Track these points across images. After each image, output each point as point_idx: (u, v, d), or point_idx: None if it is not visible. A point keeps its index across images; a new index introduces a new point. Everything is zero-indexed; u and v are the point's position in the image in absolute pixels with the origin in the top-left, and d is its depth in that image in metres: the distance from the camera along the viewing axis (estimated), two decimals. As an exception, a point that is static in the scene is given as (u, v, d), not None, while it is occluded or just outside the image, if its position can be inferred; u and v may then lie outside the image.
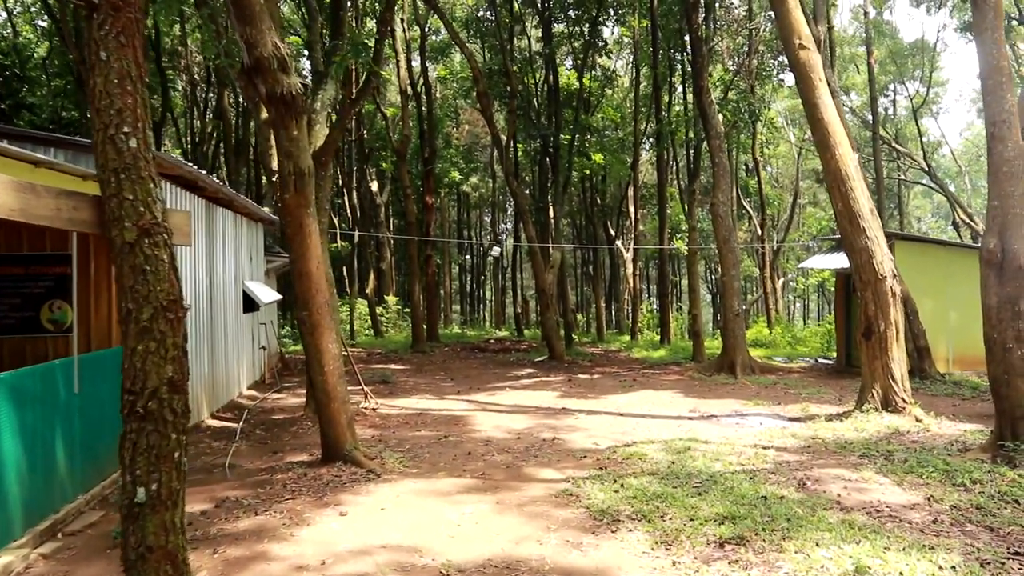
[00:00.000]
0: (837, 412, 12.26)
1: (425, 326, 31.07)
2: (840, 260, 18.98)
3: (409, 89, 30.31)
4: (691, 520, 6.69)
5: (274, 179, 12.76)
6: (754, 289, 45.80)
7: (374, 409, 13.00)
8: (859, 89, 36.40)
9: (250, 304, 16.12)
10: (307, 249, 8.51)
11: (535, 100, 29.77)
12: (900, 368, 11.56)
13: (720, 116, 19.15)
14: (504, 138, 23.49)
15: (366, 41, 12.19)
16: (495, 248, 33.44)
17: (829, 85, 12.65)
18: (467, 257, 59.03)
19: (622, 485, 7.88)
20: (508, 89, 24.52)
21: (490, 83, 25.19)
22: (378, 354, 25.00)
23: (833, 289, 45.49)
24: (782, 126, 40.12)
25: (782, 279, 44.60)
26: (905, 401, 11.44)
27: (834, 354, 24.32)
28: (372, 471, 8.67)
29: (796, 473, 8.45)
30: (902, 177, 40.67)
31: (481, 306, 60.49)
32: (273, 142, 11.33)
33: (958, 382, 15.85)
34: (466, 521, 6.97)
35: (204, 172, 10.97)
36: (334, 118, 14.34)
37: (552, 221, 25.52)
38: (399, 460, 9.31)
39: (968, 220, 33.43)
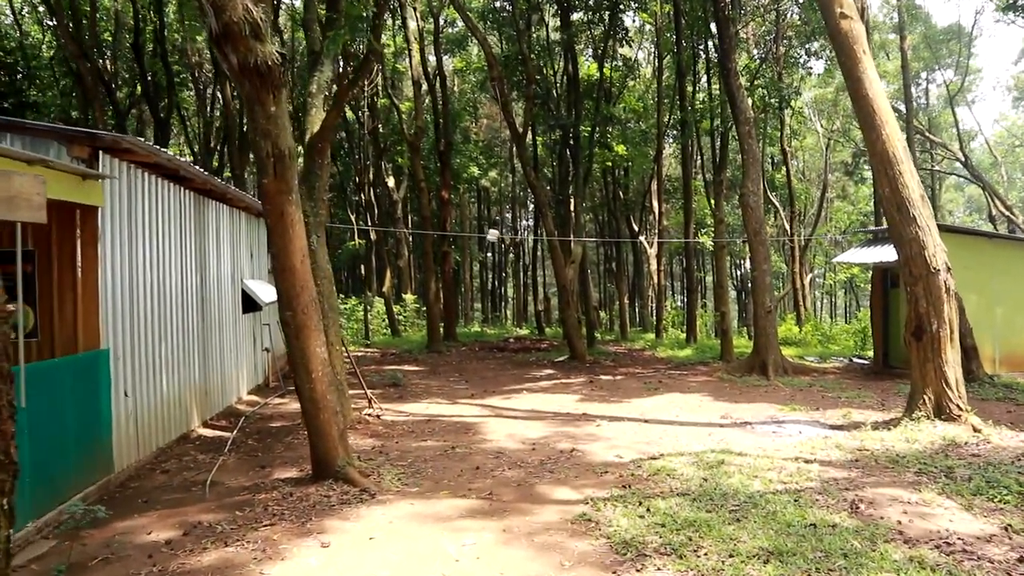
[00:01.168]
0: (883, 420, 11.15)
1: (442, 325, 30.20)
2: (876, 254, 17.81)
3: (423, 80, 29.37)
4: (730, 556, 5.66)
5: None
6: (781, 285, 44.50)
7: (378, 416, 12.05)
8: (891, 77, 34.98)
9: (251, 304, 15.24)
10: (289, 241, 7.56)
11: (554, 91, 28.71)
12: (955, 372, 10.44)
13: (749, 101, 18.00)
14: (521, 128, 22.42)
15: (363, 14, 11.17)
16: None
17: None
18: (488, 255, 58.09)
19: (648, 509, 6.86)
20: (525, 77, 23.50)
21: (507, 71, 24.18)
22: (392, 354, 24.09)
23: (867, 285, 44.35)
24: (809, 117, 38.83)
25: (810, 275, 43.29)
26: (960, 408, 10.33)
27: (870, 353, 23.12)
28: (366, 490, 7.71)
29: (846, 494, 7.39)
30: (935, 168, 39.15)
31: (503, 304, 59.51)
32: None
33: (1009, 385, 14.66)
34: (466, 555, 5.99)
35: (186, 161, 10.06)
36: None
37: (573, 215, 24.47)
38: (398, 476, 8.34)
39: (1008, 213, 31.95)
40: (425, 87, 30.77)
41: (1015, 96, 40.23)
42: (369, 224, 37.15)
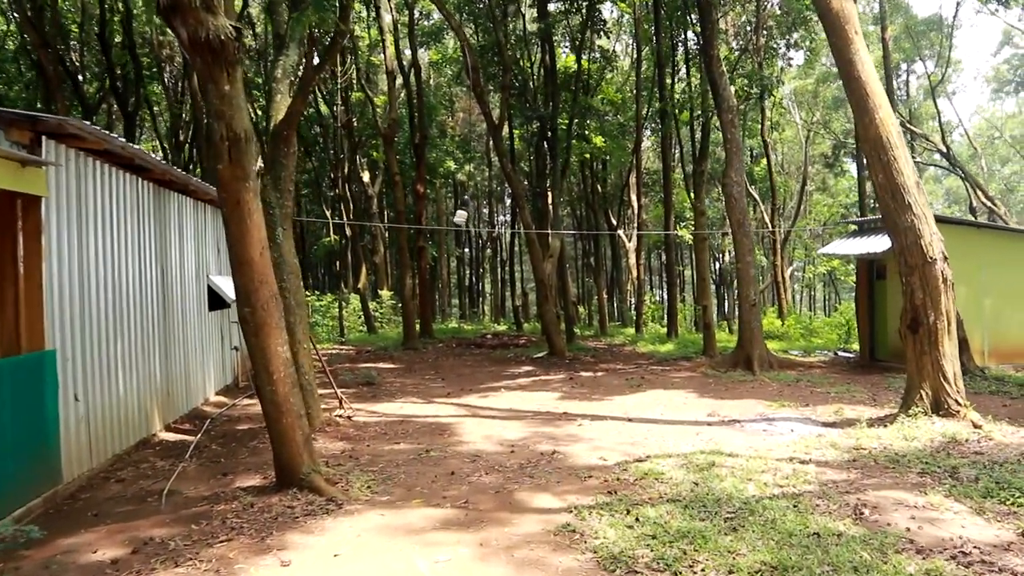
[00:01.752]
0: (878, 416, 10.73)
1: (418, 321, 29.62)
2: (862, 245, 17.46)
3: (397, 73, 28.73)
4: (730, 573, 5.16)
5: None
6: (762, 279, 44.19)
7: (349, 417, 11.47)
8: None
9: (217, 301, 14.60)
10: (247, 232, 6.97)
11: (531, 83, 28.14)
12: (952, 365, 10.02)
13: (732, 88, 17.53)
14: (497, 119, 21.85)
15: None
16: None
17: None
18: (466, 250, 57.48)
19: (637, 518, 6.35)
20: (501, 68, 22.93)
21: (482, 62, 23.62)
22: (368, 352, 23.48)
23: (847, 278, 44.25)
24: (788, 109, 38.47)
25: (790, 268, 43.05)
26: (959, 403, 9.91)
27: (854, 347, 22.82)
28: (332, 499, 7.15)
29: (848, 497, 6.93)
30: (916, 159, 38.79)
31: (481, 300, 58.88)
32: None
33: (1000, 378, 14.30)
34: (440, 574, 5.45)
35: (140, 149, 9.41)
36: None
37: (550, 208, 23.94)
38: (367, 484, 7.78)
39: (989, 203, 31.77)
40: (400, 80, 30.15)
41: (993, 88, 40.18)
42: (344, 219, 36.45)
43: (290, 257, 10.91)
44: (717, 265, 51.44)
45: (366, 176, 35.98)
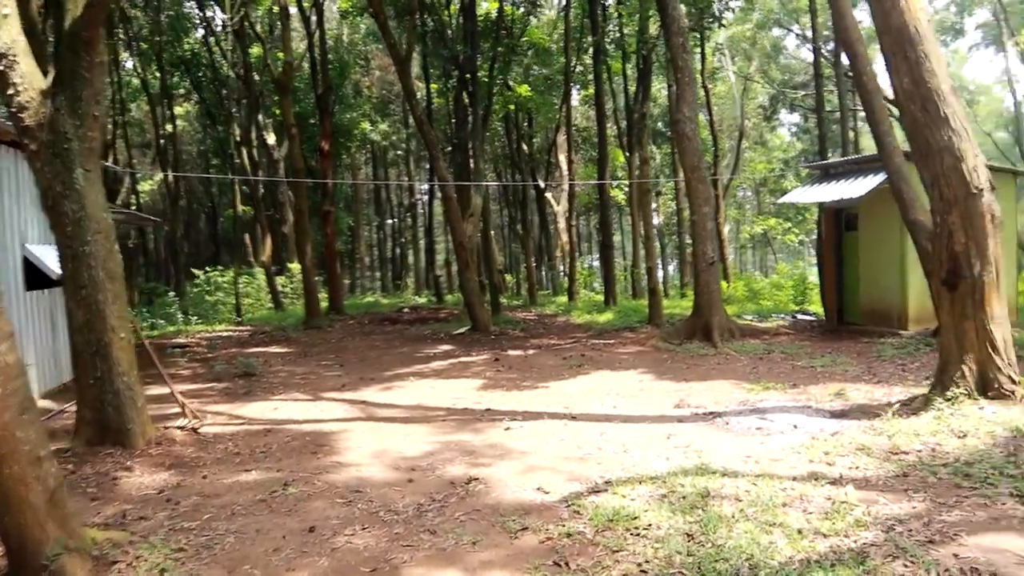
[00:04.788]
0: (903, 400, 8.15)
1: (327, 296, 26.44)
2: (832, 191, 14.95)
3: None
4: None
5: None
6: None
7: (194, 430, 8.36)
8: (804, 10, 32.25)
9: (40, 278, 11.32)
10: None
11: (449, 30, 24.95)
12: (1003, 331, 7.48)
13: (683, 8, 14.71)
14: (404, 50, 18.60)
15: None
16: None
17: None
18: (390, 221, 54.00)
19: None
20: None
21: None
22: (263, 334, 20.24)
23: (784, 237, 42.36)
24: (721, 64, 35.97)
25: (726, 228, 40.92)
26: (1013, 380, 7.39)
27: (813, 308, 20.56)
28: (91, 603, 4.16)
29: (938, 552, 4.28)
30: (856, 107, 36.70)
31: (403, 272, 55.48)
32: None
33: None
34: None
35: None
36: None
37: (471, 163, 20.93)
38: (166, 563, 4.78)
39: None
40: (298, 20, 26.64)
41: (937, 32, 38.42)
42: (248, 188, 32.82)
43: (96, 211, 7.72)
44: (658, 221, 48.96)
45: (271, 138, 32.36)
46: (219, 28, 29.86)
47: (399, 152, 46.24)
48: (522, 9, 26.58)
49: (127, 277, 9.44)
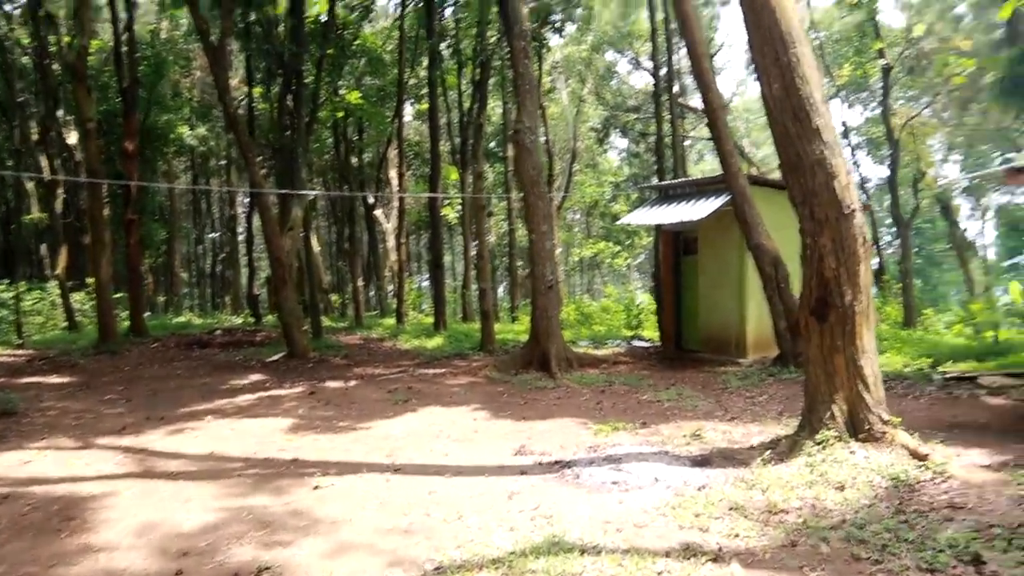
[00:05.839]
0: (764, 441, 7.33)
1: (129, 315, 23.65)
2: (672, 213, 14.41)
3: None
4: None
5: None
6: (527, 262, 41.44)
7: None
8: (643, 35, 32.61)
9: None
10: None
11: (275, 29, 23.08)
12: (872, 365, 6.79)
13: (525, 10, 13.69)
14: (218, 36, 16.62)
15: None
16: None
17: None
18: (212, 234, 50.39)
19: None
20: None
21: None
22: (44, 360, 17.47)
23: (613, 260, 42.62)
24: (555, 84, 35.83)
25: (559, 250, 40.72)
26: (884, 421, 6.70)
27: (647, 334, 20.14)
28: None
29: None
30: (689, 133, 37.55)
31: (224, 290, 51.79)
32: None
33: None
34: None
35: None
36: None
37: (294, 171, 19.10)
38: None
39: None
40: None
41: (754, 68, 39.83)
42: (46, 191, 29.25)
43: None
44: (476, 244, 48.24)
45: (73, 137, 28.99)
46: (10, 8, 26.59)
47: (222, 161, 43.23)
48: (355, 14, 25.10)
49: None
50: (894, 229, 31.49)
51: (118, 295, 28.23)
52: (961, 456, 6.69)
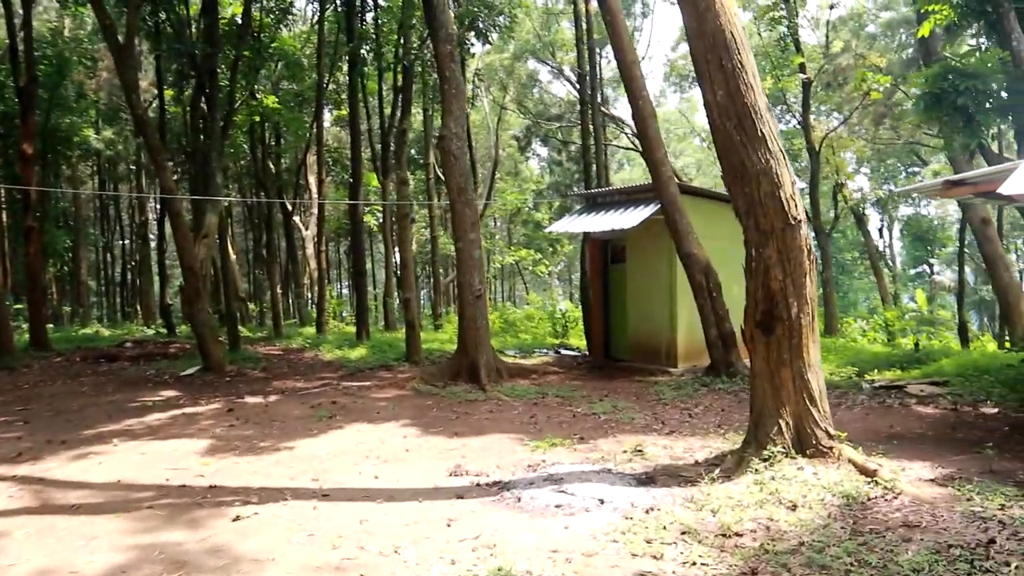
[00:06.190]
0: (708, 457, 7.15)
1: (29, 328, 22.32)
2: (600, 222, 14.27)
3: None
4: None
5: None
6: (450, 269, 41.04)
7: None
8: (568, 46, 32.60)
9: None
10: None
11: (189, 30, 22.12)
12: (818, 379, 6.66)
13: (451, 13, 13.34)
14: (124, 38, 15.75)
15: None
16: None
17: None
18: (122, 242, 48.35)
19: None
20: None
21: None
22: (-67, 376, 16.26)
23: (534, 268, 42.48)
24: (477, 93, 35.56)
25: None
26: (830, 436, 6.57)
27: (574, 342, 20.00)
28: None
29: None
30: (612, 143, 37.70)
31: (134, 299, 49.69)
32: None
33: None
34: None
35: None
36: None
37: (209, 176, 18.28)
38: None
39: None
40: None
41: (673, 81, 40.44)
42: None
43: None
44: (395, 258, 47.55)
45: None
46: None
47: (132, 166, 41.51)
48: (271, 17, 24.30)
49: None
50: (815, 240, 32.27)
51: (18, 306, 26.79)
52: (906, 470, 6.63)
